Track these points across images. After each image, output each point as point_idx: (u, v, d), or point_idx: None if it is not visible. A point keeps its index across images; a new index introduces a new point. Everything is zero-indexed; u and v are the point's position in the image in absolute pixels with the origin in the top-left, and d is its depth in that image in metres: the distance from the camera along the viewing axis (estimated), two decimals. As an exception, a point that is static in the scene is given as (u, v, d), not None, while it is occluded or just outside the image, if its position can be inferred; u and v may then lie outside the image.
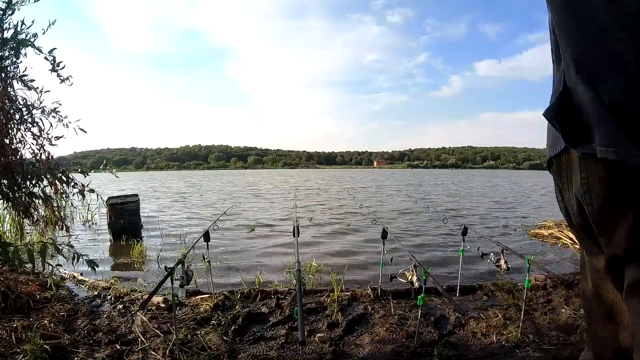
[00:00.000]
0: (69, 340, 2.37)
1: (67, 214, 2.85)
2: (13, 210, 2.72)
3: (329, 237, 6.60)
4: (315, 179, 37.21)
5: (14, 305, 2.78)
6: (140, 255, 5.05)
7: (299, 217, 3.89)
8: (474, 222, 8.06)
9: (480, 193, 17.59)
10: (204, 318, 2.77)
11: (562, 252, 5.30)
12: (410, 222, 8.17)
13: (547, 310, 2.95)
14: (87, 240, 6.20)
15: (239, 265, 4.67)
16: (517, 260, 3.67)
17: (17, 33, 2.18)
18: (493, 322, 2.69)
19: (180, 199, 15.10)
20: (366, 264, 4.70)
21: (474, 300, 3.25)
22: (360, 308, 3.00)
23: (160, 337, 2.44)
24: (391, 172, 79.06)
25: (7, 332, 2.36)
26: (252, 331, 2.60)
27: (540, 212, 10.07)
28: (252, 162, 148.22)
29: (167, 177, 49.73)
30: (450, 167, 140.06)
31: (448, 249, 5.48)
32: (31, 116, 2.39)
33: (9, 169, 2.25)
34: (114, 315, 2.85)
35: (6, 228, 4.95)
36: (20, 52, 2.25)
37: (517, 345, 2.35)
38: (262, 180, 33.96)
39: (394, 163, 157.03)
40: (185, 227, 7.53)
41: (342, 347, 2.38)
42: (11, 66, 2.27)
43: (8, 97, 2.24)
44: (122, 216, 6.12)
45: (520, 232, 6.93)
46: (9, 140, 2.32)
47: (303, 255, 4.70)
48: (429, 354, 2.26)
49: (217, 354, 2.26)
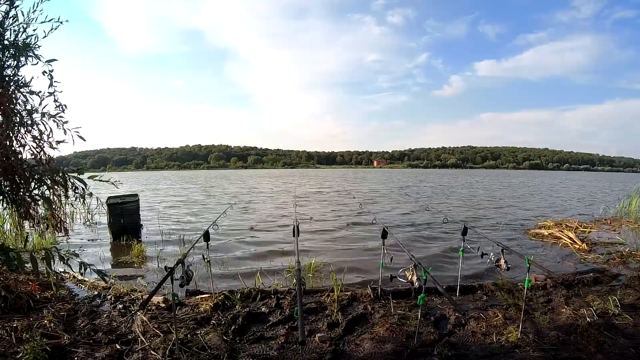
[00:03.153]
0: (69, 340, 2.37)
1: (67, 213, 2.84)
2: (15, 211, 2.72)
3: (329, 237, 6.60)
4: (315, 178, 37.21)
5: (14, 305, 2.78)
6: (140, 255, 5.04)
7: (298, 217, 3.88)
8: (473, 222, 8.06)
9: (481, 192, 17.61)
10: (204, 318, 2.77)
11: (562, 252, 5.30)
12: (409, 221, 8.17)
13: (547, 310, 2.95)
14: (87, 240, 6.20)
15: (239, 265, 4.67)
16: (517, 260, 3.68)
17: (17, 40, 2.19)
18: (493, 322, 2.69)
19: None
20: (366, 264, 4.69)
21: (474, 300, 3.24)
22: (360, 308, 3.00)
23: (160, 336, 2.44)
24: (396, 171, 79.07)
25: (7, 332, 2.36)
26: (252, 331, 2.60)
27: (540, 211, 10.08)
28: (252, 162, 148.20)
29: (166, 177, 49.71)
30: (451, 167, 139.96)
31: (448, 249, 5.48)
32: (31, 119, 2.40)
33: (10, 171, 2.25)
34: (114, 315, 2.85)
35: (6, 228, 4.95)
36: (20, 59, 2.26)
37: (517, 345, 2.35)
38: (262, 180, 33.96)
39: (394, 163, 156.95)
40: (185, 227, 7.52)
41: (342, 346, 2.38)
42: (12, 71, 2.28)
43: (9, 101, 2.24)
44: (122, 216, 6.12)
45: (520, 232, 6.92)
46: (10, 142, 2.32)
47: (303, 255, 4.70)
48: (429, 353, 2.27)
49: (217, 353, 2.26)
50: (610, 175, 73.77)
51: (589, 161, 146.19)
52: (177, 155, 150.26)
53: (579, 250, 5.30)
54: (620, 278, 3.87)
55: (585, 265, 4.58)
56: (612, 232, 6.74)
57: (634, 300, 3.13)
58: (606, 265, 4.47)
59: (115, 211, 6.06)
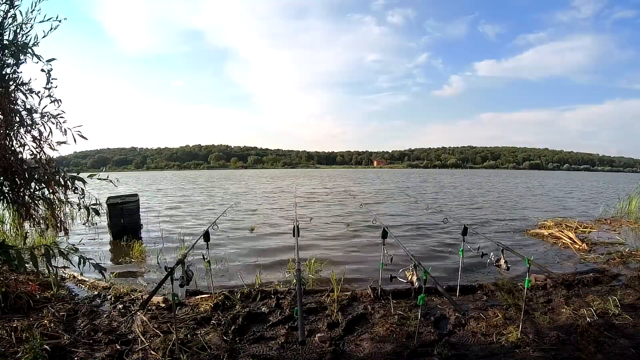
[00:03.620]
0: (69, 340, 2.37)
1: (67, 212, 2.84)
2: (15, 211, 2.72)
3: (329, 236, 6.60)
4: (315, 178, 37.21)
5: (14, 305, 2.78)
6: (140, 255, 5.05)
7: (298, 217, 3.88)
8: (473, 222, 8.06)
9: (485, 192, 17.61)
10: (204, 318, 2.77)
11: (562, 252, 5.30)
12: (408, 221, 8.17)
13: (547, 310, 2.95)
14: (87, 240, 6.20)
15: (239, 265, 4.67)
16: (517, 260, 3.68)
17: (16, 37, 2.19)
18: (493, 322, 2.69)
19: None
20: (366, 264, 4.69)
21: (474, 300, 3.25)
22: (360, 308, 3.00)
23: (160, 336, 2.44)
24: (396, 171, 79.06)
25: (7, 331, 2.36)
26: (252, 331, 2.60)
27: (540, 211, 10.07)
28: (252, 162, 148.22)
29: (167, 177, 49.71)
30: (451, 167, 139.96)
31: (448, 249, 5.48)
32: (31, 119, 2.40)
33: (10, 171, 2.25)
34: (114, 315, 2.85)
35: (6, 228, 4.95)
36: (20, 58, 2.26)
37: (517, 345, 2.35)
38: (263, 180, 33.95)
39: (394, 163, 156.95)
40: (185, 227, 7.53)
41: (342, 346, 2.38)
42: (11, 71, 2.28)
43: (9, 101, 2.24)
44: (122, 216, 6.13)
45: (520, 232, 6.92)
46: (10, 142, 2.32)
47: (303, 255, 4.70)
48: (429, 353, 2.27)
49: (217, 353, 2.26)
50: (611, 175, 73.74)
51: (589, 161, 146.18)
52: (177, 155, 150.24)
53: (579, 250, 5.30)
54: (620, 278, 3.87)
55: (585, 265, 4.58)
56: (612, 232, 6.74)
57: (634, 300, 3.13)
58: (606, 265, 4.47)
59: (115, 211, 6.06)
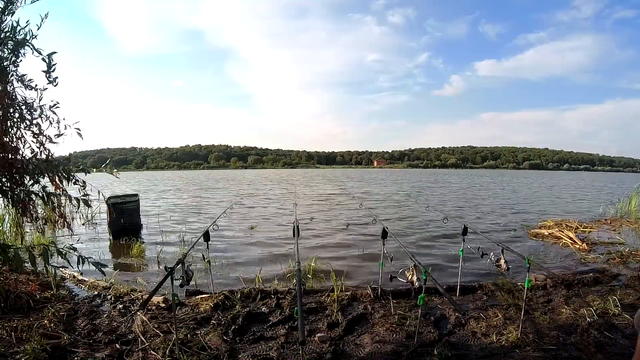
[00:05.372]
0: (69, 340, 2.37)
1: (67, 212, 2.83)
2: (12, 207, 2.71)
3: (329, 236, 6.60)
4: (315, 178, 37.20)
5: (14, 305, 2.78)
6: (140, 254, 5.05)
7: (299, 217, 3.88)
8: (473, 222, 8.06)
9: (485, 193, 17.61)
10: (204, 318, 2.77)
11: (562, 252, 5.30)
12: (408, 221, 8.17)
13: (547, 310, 2.95)
14: (87, 240, 6.20)
15: (239, 265, 4.67)
16: (517, 260, 3.67)
17: (15, 31, 2.19)
18: (493, 322, 2.69)
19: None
20: (366, 263, 4.69)
21: (474, 300, 3.24)
22: (360, 308, 3.00)
23: (160, 336, 2.44)
24: (397, 171, 79.08)
25: (7, 331, 2.36)
26: (252, 331, 2.60)
27: (540, 212, 10.07)
28: (252, 162, 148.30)
29: (167, 177, 49.71)
30: (451, 167, 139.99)
31: (448, 249, 5.49)
32: (31, 114, 2.39)
33: (8, 166, 2.25)
34: (114, 315, 2.85)
35: (6, 228, 4.94)
36: (19, 52, 2.25)
37: (517, 345, 2.35)
38: (263, 180, 33.95)
39: (394, 163, 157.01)
40: (185, 227, 7.53)
41: (342, 346, 2.38)
42: (10, 65, 2.27)
43: (7, 96, 2.24)
44: (122, 216, 6.13)
45: (521, 232, 6.92)
46: (9, 138, 2.32)
47: (303, 255, 4.70)
48: (429, 353, 2.26)
49: (217, 353, 2.26)
50: (611, 175, 73.73)
51: (589, 161, 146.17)
52: (177, 155, 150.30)
53: (579, 250, 5.30)
54: (620, 278, 3.87)
55: (585, 265, 4.58)
56: (612, 232, 6.74)
57: (634, 300, 3.13)
58: (606, 265, 4.47)
59: (116, 211, 6.06)
